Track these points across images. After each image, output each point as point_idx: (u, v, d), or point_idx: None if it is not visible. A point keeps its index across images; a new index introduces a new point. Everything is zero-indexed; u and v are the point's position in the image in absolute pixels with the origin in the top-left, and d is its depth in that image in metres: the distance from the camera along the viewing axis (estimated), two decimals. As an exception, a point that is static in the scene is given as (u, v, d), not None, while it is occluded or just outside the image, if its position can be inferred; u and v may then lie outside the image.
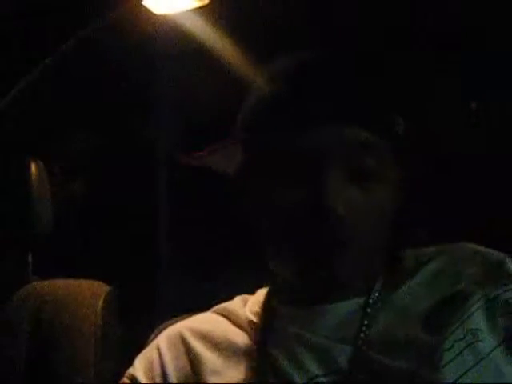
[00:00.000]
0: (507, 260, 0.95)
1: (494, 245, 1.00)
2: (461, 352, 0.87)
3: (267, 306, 1.00)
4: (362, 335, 0.91)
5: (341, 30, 1.40)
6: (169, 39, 1.41)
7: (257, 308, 1.01)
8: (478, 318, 0.90)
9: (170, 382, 0.97)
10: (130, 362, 1.04)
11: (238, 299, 1.06)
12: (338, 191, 0.88)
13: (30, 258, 1.58)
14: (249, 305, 1.03)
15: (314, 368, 0.90)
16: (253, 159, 0.96)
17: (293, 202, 0.90)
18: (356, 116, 0.90)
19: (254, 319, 0.99)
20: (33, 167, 1.51)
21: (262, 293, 1.04)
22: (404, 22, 1.40)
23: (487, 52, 1.40)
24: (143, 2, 1.29)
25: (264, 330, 0.96)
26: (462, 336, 0.88)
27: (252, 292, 1.06)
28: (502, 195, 1.39)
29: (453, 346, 0.87)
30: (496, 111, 1.43)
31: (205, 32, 1.34)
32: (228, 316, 1.02)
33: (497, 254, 0.96)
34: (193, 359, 0.97)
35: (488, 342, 0.88)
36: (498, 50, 1.39)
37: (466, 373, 0.86)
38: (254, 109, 0.96)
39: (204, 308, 1.09)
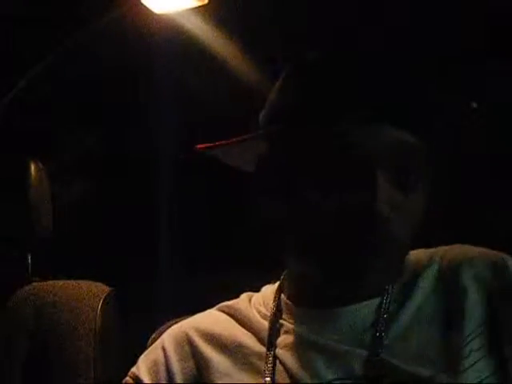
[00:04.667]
0: (506, 259, 0.95)
1: (493, 244, 1.00)
2: (477, 362, 0.87)
3: (278, 307, 0.98)
4: (377, 339, 0.90)
5: (341, 29, 1.40)
6: (168, 38, 1.40)
7: (264, 308, 1.00)
8: (491, 333, 0.89)
9: (176, 382, 0.96)
10: (129, 362, 1.04)
11: (243, 297, 1.04)
12: (384, 194, 0.87)
13: (29, 259, 1.58)
14: (255, 304, 1.01)
15: (327, 373, 0.88)
16: (288, 156, 0.93)
17: (333, 202, 0.88)
18: (399, 117, 0.89)
19: (262, 320, 0.98)
20: (32, 167, 1.51)
21: (267, 290, 1.03)
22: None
23: (487, 52, 1.40)
24: (143, 1, 1.29)
25: (274, 331, 0.95)
26: (478, 347, 0.88)
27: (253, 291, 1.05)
28: (501, 195, 1.39)
29: (470, 355, 0.87)
30: (496, 111, 1.43)
31: (204, 31, 1.34)
32: (234, 315, 1.00)
33: (494, 254, 0.96)
34: (200, 361, 0.96)
35: (501, 354, 0.88)
36: (499, 51, 1.39)
37: (481, 382, 0.85)
38: (292, 101, 0.94)
39: (204, 309, 1.09)
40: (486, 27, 1.39)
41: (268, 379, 0.90)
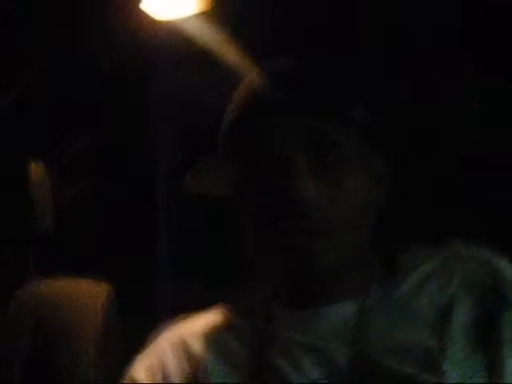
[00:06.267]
0: (499, 261, 0.95)
1: (492, 245, 1.00)
2: (462, 361, 0.87)
3: (266, 311, 1.00)
4: (362, 337, 0.91)
5: (341, 30, 1.40)
6: (169, 45, 1.41)
7: (256, 313, 1.01)
8: (478, 333, 0.89)
9: (172, 383, 0.97)
10: (129, 362, 1.04)
11: (238, 304, 1.05)
12: (302, 180, 0.89)
13: (30, 258, 1.58)
14: (247, 310, 1.03)
15: (313, 371, 0.90)
16: (237, 167, 0.97)
17: (270, 199, 0.91)
18: (318, 107, 0.91)
19: (252, 325, 0.99)
20: (33, 168, 1.51)
21: (261, 299, 1.04)
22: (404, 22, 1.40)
23: (488, 52, 1.40)
24: (143, 8, 1.29)
25: (263, 335, 0.96)
26: (463, 347, 0.88)
27: (249, 298, 1.06)
28: (501, 195, 1.39)
29: (454, 355, 0.87)
30: (496, 111, 1.43)
31: (205, 38, 1.34)
32: (229, 320, 1.02)
33: (488, 255, 0.96)
34: (194, 363, 0.97)
35: (487, 354, 0.88)
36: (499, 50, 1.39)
37: (464, 381, 0.86)
38: (227, 120, 0.98)
39: (204, 309, 1.09)
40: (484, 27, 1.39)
41: (257, 378, 0.91)
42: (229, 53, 1.29)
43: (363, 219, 0.93)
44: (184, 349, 0.99)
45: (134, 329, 1.36)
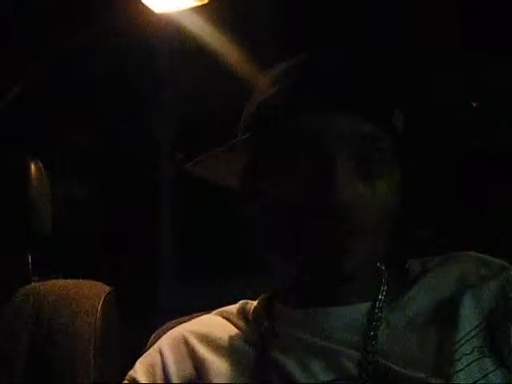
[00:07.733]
0: (510, 269, 0.94)
1: (493, 244, 0.99)
2: (468, 365, 0.87)
3: (270, 309, 0.99)
4: (370, 341, 0.90)
5: (340, 30, 1.40)
6: (168, 38, 1.41)
7: (260, 312, 1.00)
8: (483, 337, 0.89)
9: (173, 383, 0.96)
10: (129, 362, 1.04)
11: (240, 303, 1.05)
12: (345, 182, 0.88)
13: (29, 258, 1.58)
14: (251, 309, 1.02)
15: (321, 374, 0.89)
16: (260, 156, 0.95)
17: (301, 195, 0.90)
18: (359, 108, 0.90)
19: (257, 324, 0.98)
20: (33, 167, 1.51)
21: (264, 298, 1.04)
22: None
23: (488, 52, 1.40)
24: (143, 1, 1.29)
25: (268, 334, 0.96)
26: (469, 351, 0.88)
27: (252, 297, 1.06)
28: (501, 195, 1.39)
29: (461, 358, 0.87)
30: (496, 111, 1.43)
31: (204, 30, 1.35)
32: (231, 320, 1.01)
33: (499, 263, 0.96)
34: (196, 363, 0.96)
35: (493, 358, 0.88)
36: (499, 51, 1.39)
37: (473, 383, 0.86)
38: (260, 106, 0.96)
39: (204, 310, 1.09)
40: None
41: (262, 378, 0.91)
42: (228, 46, 1.29)
43: (387, 223, 0.93)
44: (186, 348, 0.98)
45: (134, 329, 1.36)
